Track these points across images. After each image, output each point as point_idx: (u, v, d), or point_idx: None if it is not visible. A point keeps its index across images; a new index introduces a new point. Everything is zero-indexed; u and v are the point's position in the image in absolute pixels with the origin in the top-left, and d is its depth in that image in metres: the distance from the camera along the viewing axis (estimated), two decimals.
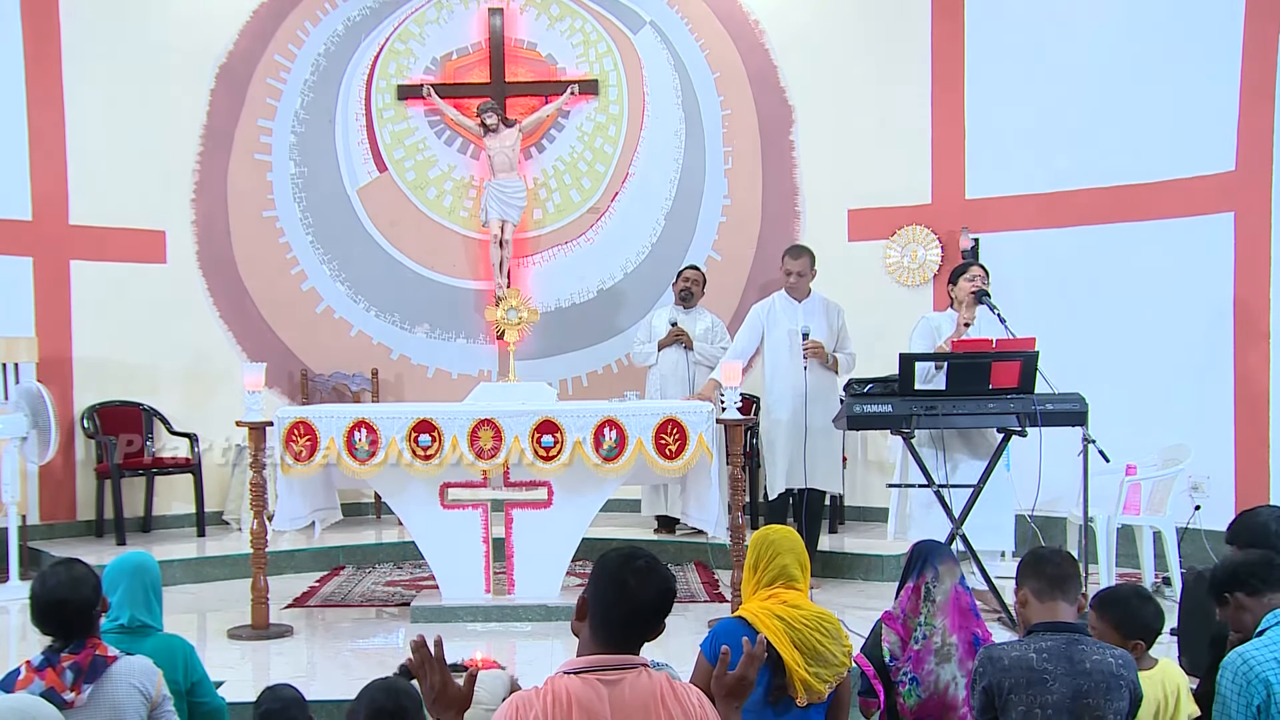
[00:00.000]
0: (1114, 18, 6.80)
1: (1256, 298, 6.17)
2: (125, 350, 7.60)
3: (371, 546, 7.11)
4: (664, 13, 8.25)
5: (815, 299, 6.22)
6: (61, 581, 2.95)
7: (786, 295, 6.19)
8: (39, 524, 7.20)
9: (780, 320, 6.12)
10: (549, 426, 5.29)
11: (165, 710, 3.01)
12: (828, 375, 6.08)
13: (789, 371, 6.00)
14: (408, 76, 8.37)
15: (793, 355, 6.00)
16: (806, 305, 6.16)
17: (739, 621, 3.08)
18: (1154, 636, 3.04)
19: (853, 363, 6.17)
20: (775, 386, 6.11)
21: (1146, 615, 3.01)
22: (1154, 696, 2.93)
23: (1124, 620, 3.00)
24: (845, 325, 6.21)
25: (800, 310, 6.13)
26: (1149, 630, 3.01)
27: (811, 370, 5.95)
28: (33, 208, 7.32)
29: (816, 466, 5.98)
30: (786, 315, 6.13)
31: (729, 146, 8.18)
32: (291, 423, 5.32)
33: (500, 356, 8.17)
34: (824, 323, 6.12)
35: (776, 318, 6.14)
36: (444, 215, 8.43)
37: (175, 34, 7.76)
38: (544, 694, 2.20)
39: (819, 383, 5.99)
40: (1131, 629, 2.98)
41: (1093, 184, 6.84)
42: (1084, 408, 5.04)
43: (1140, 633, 2.99)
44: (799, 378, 5.96)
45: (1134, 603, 3.03)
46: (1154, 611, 3.03)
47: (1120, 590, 3.14)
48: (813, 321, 6.07)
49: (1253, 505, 4.37)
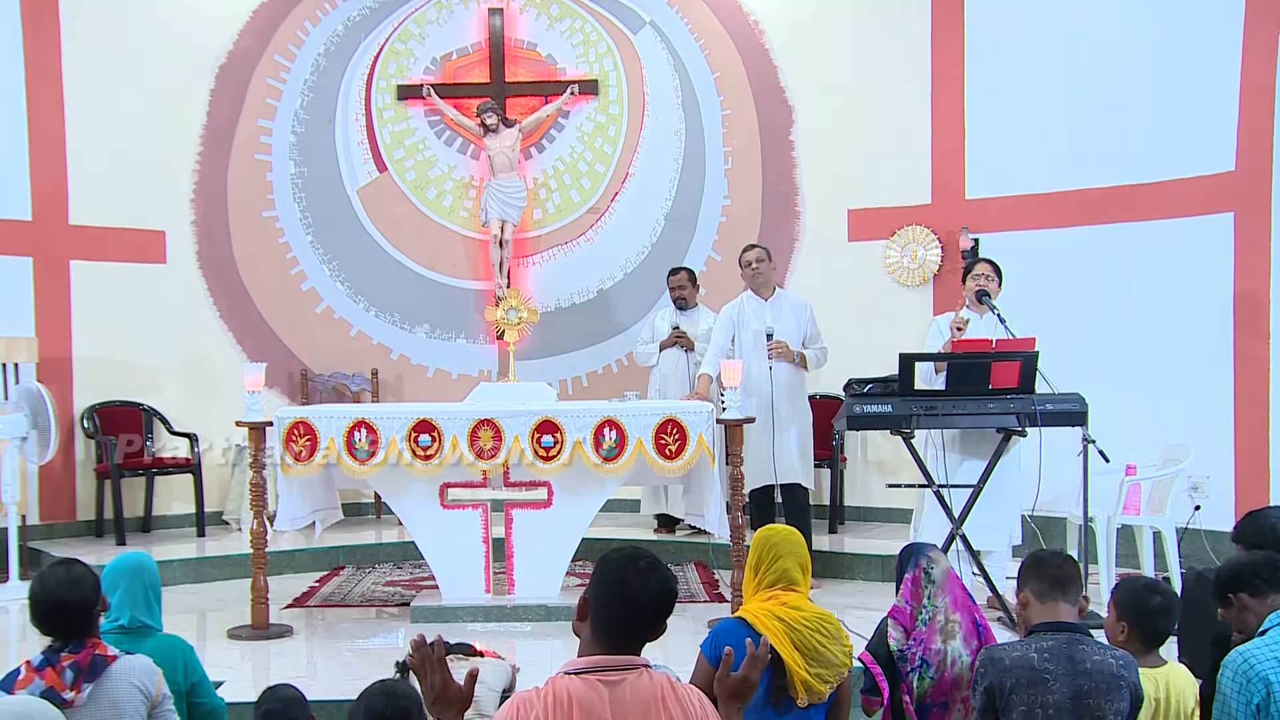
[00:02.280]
0: (1114, 18, 6.80)
1: (1256, 297, 6.16)
2: (125, 350, 7.61)
3: (371, 546, 7.11)
4: (664, 13, 8.25)
5: (782, 296, 6.26)
6: (61, 581, 2.95)
7: (753, 294, 6.21)
8: (39, 524, 7.20)
9: (749, 320, 6.16)
10: (549, 426, 5.29)
11: (165, 710, 3.01)
12: (796, 373, 6.13)
13: (757, 371, 6.03)
14: (408, 76, 8.37)
15: (760, 355, 6.03)
16: (773, 303, 6.20)
17: (739, 622, 3.08)
18: (1164, 638, 3.05)
19: (824, 356, 6.22)
20: (744, 385, 6.13)
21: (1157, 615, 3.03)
22: (1153, 695, 2.93)
23: (1139, 623, 3.02)
24: (814, 320, 6.24)
25: (767, 309, 6.16)
26: (1160, 633, 3.03)
27: (778, 369, 6.00)
28: (33, 208, 7.32)
29: (785, 462, 6.02)
30: (754, 315, 6.16)
31: (729, 146, 8.18)
32: (291, 423, 5.32)
33: (500, 356, 8.17)
34: (792, 320, 6.15)
35: (745, 317, 6.17)
36: (444, 215, 8.43)
37: (175, 34, 7.76)
38: (545, 694, 2.20)
39: (786, 381, 6.05)
40: (1145, 631, 3.01)
41: (1093, 184, 6.84)
42: (1084, 408, 5.04)
43: (1152, 637, 3.01)
44: (765, 377, 6.00)
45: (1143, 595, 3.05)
46: (1166, 610, 3.04)
47: (1140, 590, 3.15)
48: (780, 319, 6.10)
49: (1252, 505, 4.38)
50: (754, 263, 6.19)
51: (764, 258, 6.23)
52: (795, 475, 6.10)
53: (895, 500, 7.19)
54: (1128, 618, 3.03)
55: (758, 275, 6.20)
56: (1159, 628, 3.02)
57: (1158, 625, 3.02)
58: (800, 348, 6.13)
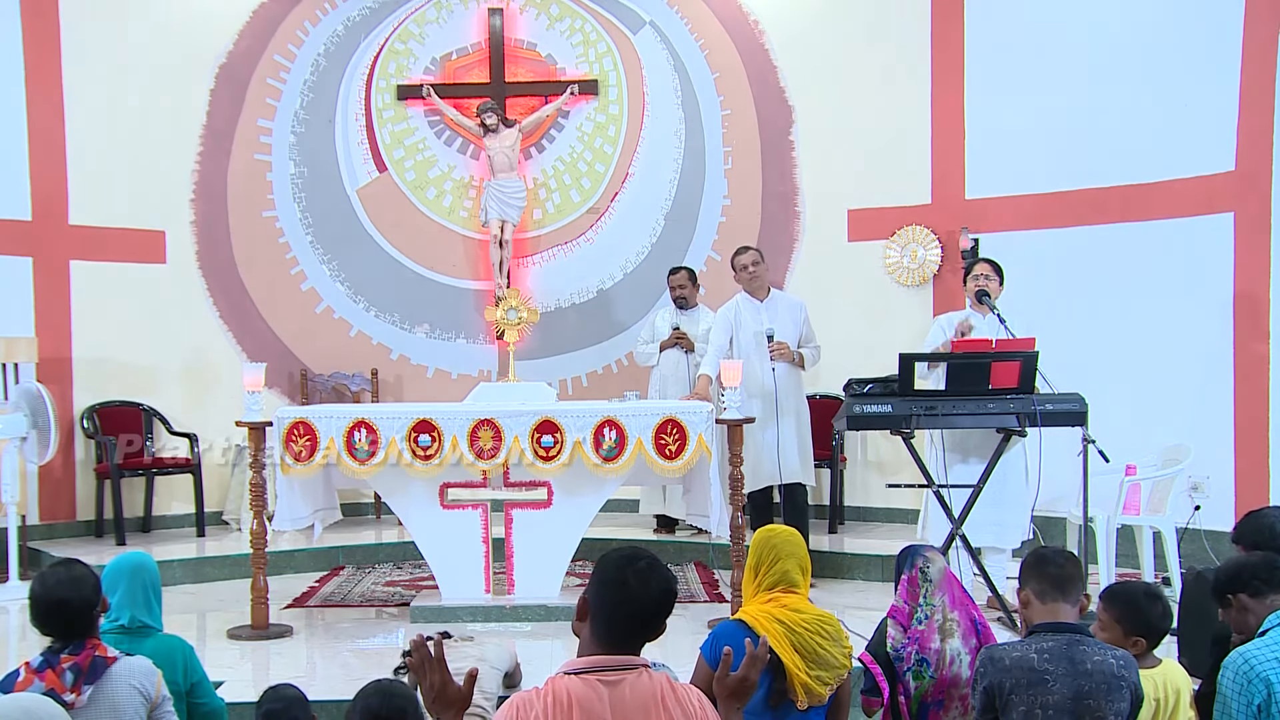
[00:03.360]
0: (1114, 18, 6.80)
1: (1256, 297, 6.16)
2: (125, 350, 7.60)
3: (371, 546, 7.11)
4: (664, 13, 8.25)
5: (776, 297, 6.27)
6: (61, 582, 2.95)
7: (748, 296, 6.22)
8: (39, 524, 7.20)
9: (746, 322, 6.15)
10: (549, 426, 5.29)
11: (165, 711, 3.01)
12: (795, 373, 6.14)
13: (758, 372, 6.03)
14: (408, 76, 8.37)
15: (760, 356, 6.04)
16: (769, 304, 6.20)
17: (739, 624, 3.08)
18: (1160, 636, 3.03)
19: (818, 355, 6.23)
20: (745, 386, 6.13)
21: (1153, 615, 3.00)
22: (1153, 696, 2.93)
23: (1129, 617, 2.99)
24: (808, 320, 6.25)
25: (763, 310, 6.16)
26: (1154, 630, 3.01)
27: (779, 370, 6.01)
28: (33, 208, 7.32)
29: (792, 464, 6.03)
30: (751, 317, 6.16)
31: (729, 146, 8.18)
32: (291, 423, 5.32)
33: (500, 356, 8.17)
34: (788, 320, 6.16)
35: (743, 319, 6.17)
36: (444, 215, 8.43)
37: (175, 34, 7.76)
38: (544, 694, 2.20)
39: (787, 381, 6.05)
40: (1135, 626, 2.98)
41: (1093, 184, 6.84)
42: (1084, 408, 5.04)
43: (1144, 631, 2.99)
44: (768, 378, 6.01)
45: (1142, 600, 3.02)
46: (1161, 611, 3.02)
47: (1130, 586, 3.13)
48: (776, 321, 6.11)
49: (1252, 505, 4.37)
50: (750, 266, 6.19)
51: (759, 260, 6.24)
52: (797, 475, 6.10)
53: (895, 500, 7.19)
54: (1119, 615, 3.01)
55: (755, 278, 6.20)
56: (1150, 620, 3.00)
57: (1148, 618, 2.99)
58: (797, 348, 6.15)
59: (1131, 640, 2.96)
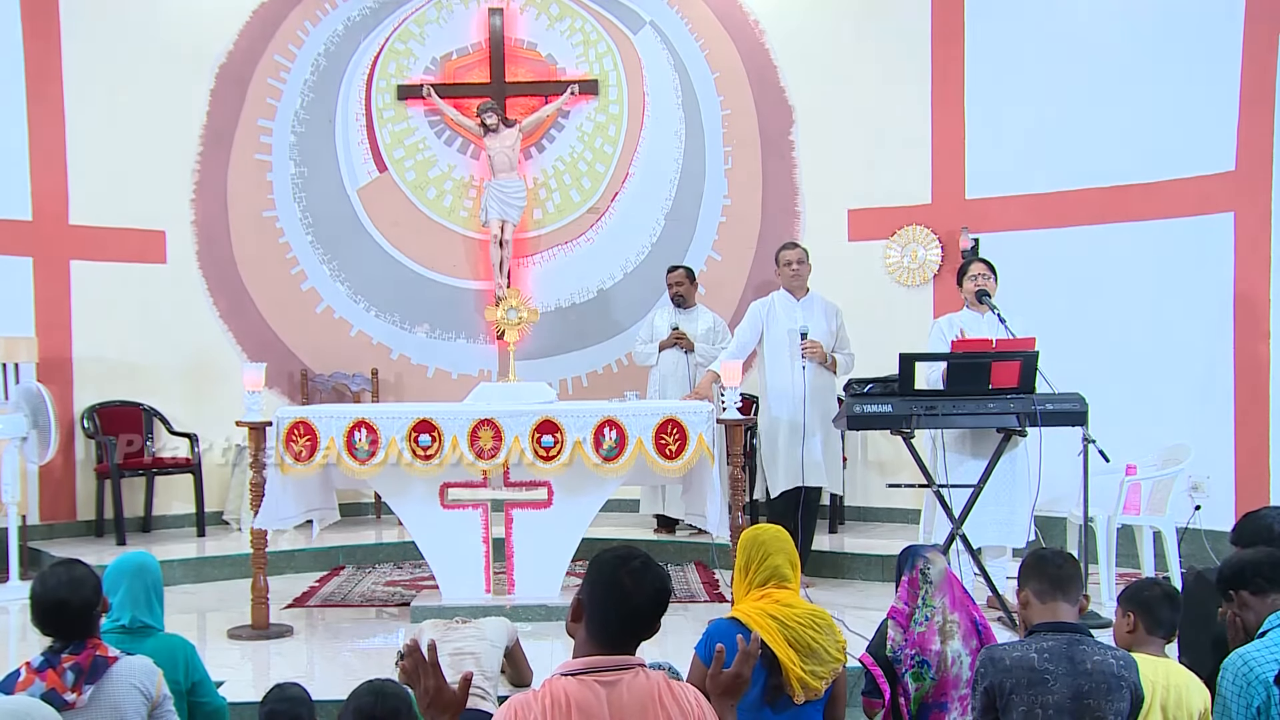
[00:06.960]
0: (1114, 18, 6.80)
1: (1256, 297, 6.16)
2: (125, 350, 7.61)
3: (371, 546, 7.11)
4: (664, 13, 8.25)
5: (814, 298, 6.21)
6: (62, 582, 2.95)
7: (786, 294, 6.18)
8: (39, 524, 7.20)
9: (780, 319, 6.11)
10: (549, 426, 5.29)
11: (166, 710, 3.02)
12: (826, 375, 6.08)
13: (788, 371, 5.99)
14: (408, 76, 8.37)
15: (792, 355, 5.99)
16: (805, 303, 6.15)
17: (732, 622, 3.09)
18: (1170, 629, 3.11)
19: (851, 363, 6.17)
20: (774, 385, 6.10)
21: (1174, 621, 3.08)
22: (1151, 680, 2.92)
23: (1153, 625, 3.06)
24: (844, 326, 6.21)
25: (799, 309, 6.12)
26: (1164, 622, 3.08)
27: (810, 370, 5.95)
28: (33, 208, 7.32)
29: (816, 465, 5.99)
30: (786, 314, 6.12)
31: (729, 146, 8.18)
32: (291, 423, 5.32)
33: (500, 356, 8.17)
34: (823, 322, 6.12)
35: (776, 316, 6.12)
36: (444, 215, 8.43)
37: (175, 34, 7.76)
38: (542, 696, 2.20)
39: (817, 382, 5.98)
40: (1167, 629, 3.05)
41: (1093, 184, 6.84)
42: (1084, 408, 5.04)
43: (1167, 633, 3.06)
44: (798, 377, 5.95)
45: (1165, 610, 3.09)
46: (1178, 617, 3.09)
47: (1151, 590, 3.16)
48: (811, 321, 6.06)
49: (1252, 505, 4.37)
50: (794, 263, 6.13)
51: (804, 259, 6.17)
52: (823, 478, 6.04)
53: (895, 500, 7.19)
54: (1134, 610, 3.07)
55: (797, 275, 6.14)
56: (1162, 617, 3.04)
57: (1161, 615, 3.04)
58: (830, 351, 6.09)
59: (1128, 616, 3.05)
